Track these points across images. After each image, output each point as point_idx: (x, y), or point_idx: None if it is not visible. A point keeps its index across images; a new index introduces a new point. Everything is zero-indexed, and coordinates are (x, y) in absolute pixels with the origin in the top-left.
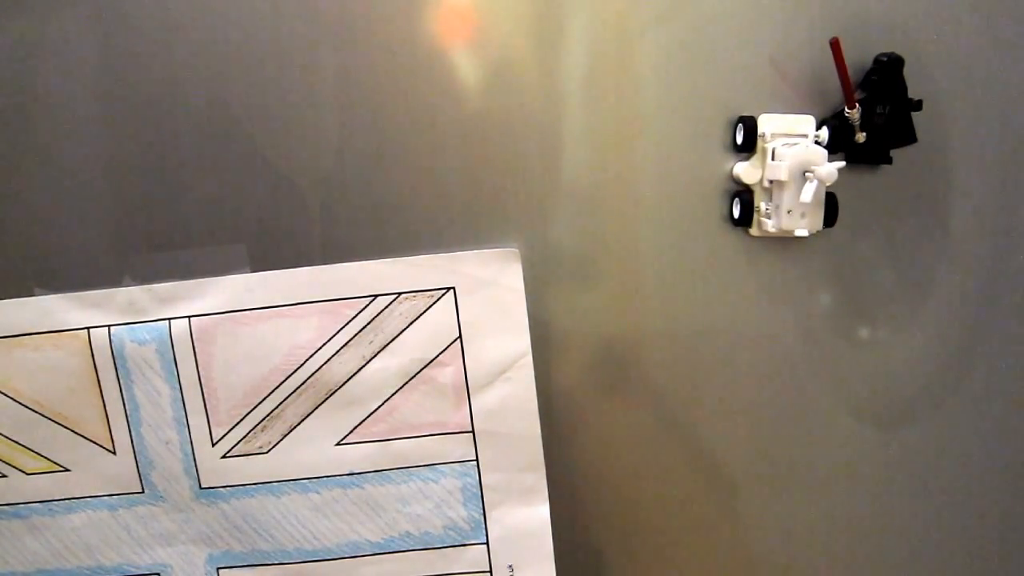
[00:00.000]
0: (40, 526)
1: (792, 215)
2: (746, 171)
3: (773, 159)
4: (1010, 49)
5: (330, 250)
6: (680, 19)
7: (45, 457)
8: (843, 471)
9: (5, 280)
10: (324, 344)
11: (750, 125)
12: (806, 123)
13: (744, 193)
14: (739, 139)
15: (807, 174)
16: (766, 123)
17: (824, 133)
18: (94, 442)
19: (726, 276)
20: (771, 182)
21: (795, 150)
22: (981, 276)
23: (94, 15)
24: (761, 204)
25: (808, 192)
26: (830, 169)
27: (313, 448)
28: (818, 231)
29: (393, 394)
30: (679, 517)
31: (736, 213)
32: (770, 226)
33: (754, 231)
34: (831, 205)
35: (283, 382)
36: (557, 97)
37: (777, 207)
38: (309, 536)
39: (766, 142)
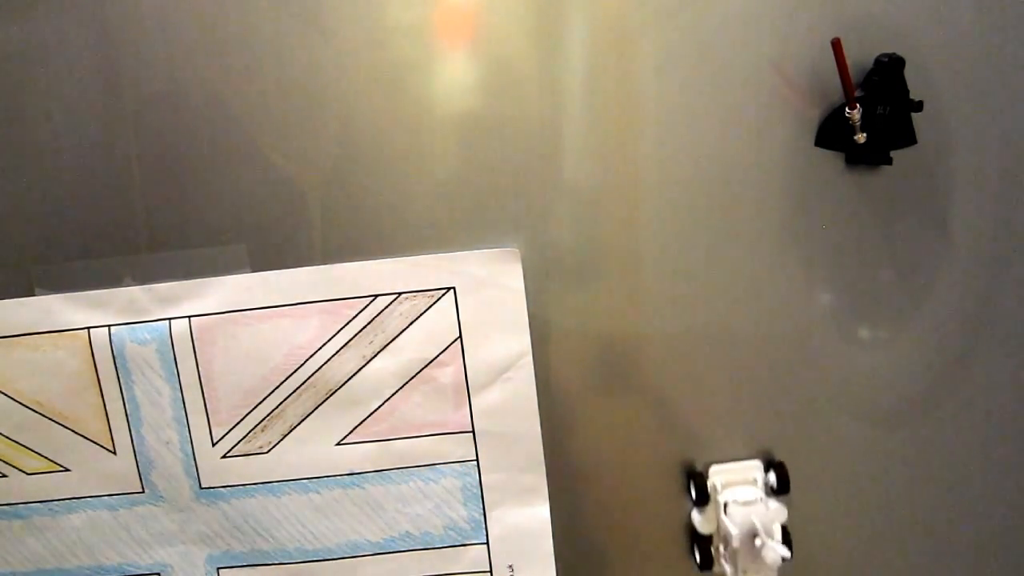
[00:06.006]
0: (40, 526)
1: (748, 574)
2: (702, 522)
3: (726, 514)
4: (1010, 50)
5: (330, 250)
6: (680, 19)
7: (45, 457)
8: (843, 471)
9: (5, 280)
10: (324, 344)
11: (700, 482)
12: (753, 468)
13: (703, 541)
14: (693, 494)
15: (756, 541)
16: (716, 475)
17: (772, 477)
18: (94, 442)
19: (726, 275)
20: (726, 535)
21: (745, 511)
22: (981, 276)
23: (94, 16)
24: (720, 547)
25: (754, 538)
26: (774, 557)
27: (313, 448)
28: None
29: (393, 394)
30: (679, 517)
31: (698, 558)
32: (728, 573)
33: (716, 569)
34: (787, 539)
35: (283, 382)
36: (557, 97)
37: (733, 559)
38: (309, 536)
39: (718, 494)
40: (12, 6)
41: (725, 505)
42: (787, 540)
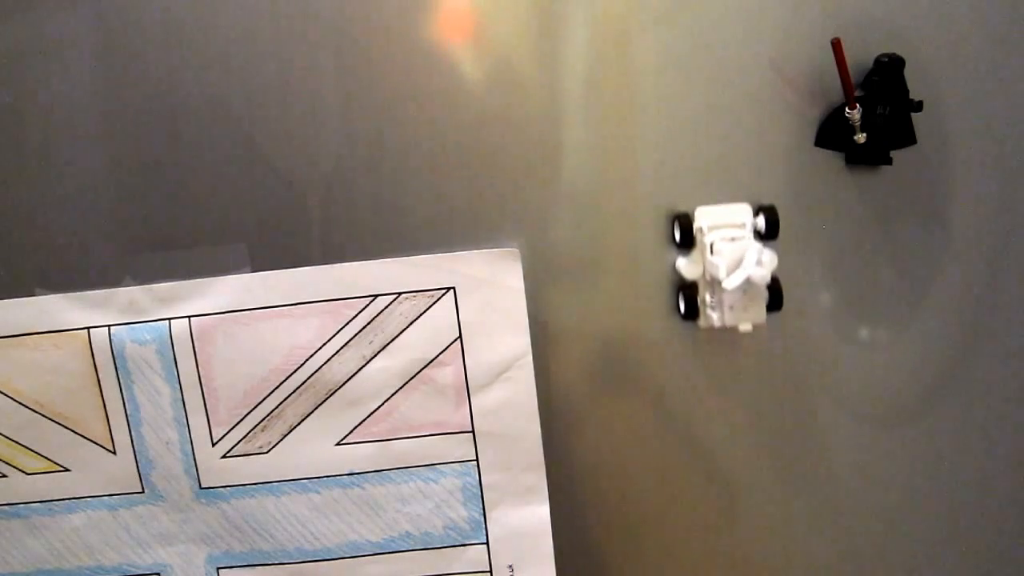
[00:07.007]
0: (40, 526)
1: (735, 310)
2: (687, 267)
3: (712, 254)
4: (1010, 50)
5: (330, 250)
6: (680, 19)
7: (45, 457)
8: (843, 471)
9: (5, 280)
10: (324, 344)
11: (686, 223)
12: (742, 212)
13: (688, 288)
14: (677, 237)
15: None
16: (702, 217)
17: (761, 221)
18: (94, 442)
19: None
20: (712, 277)
21: (732, 247)
22: (981, 276)
23: (94, 15)
24: (706, 295)
25: (734, 279)
26: (763, 272)
27: (313, 448)
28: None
29: (393, 394)
30: (679, 517)
31: (682, 308)
32: (715, 320)
33: (702, 323)
34: (775, 292)
35: (283, 382)
36: (557, 97)
37: (720, 302)
38: (309, 536)
39: (704, 236)
40: (12, 6)
41: (711, 245)
42: (777, 291)
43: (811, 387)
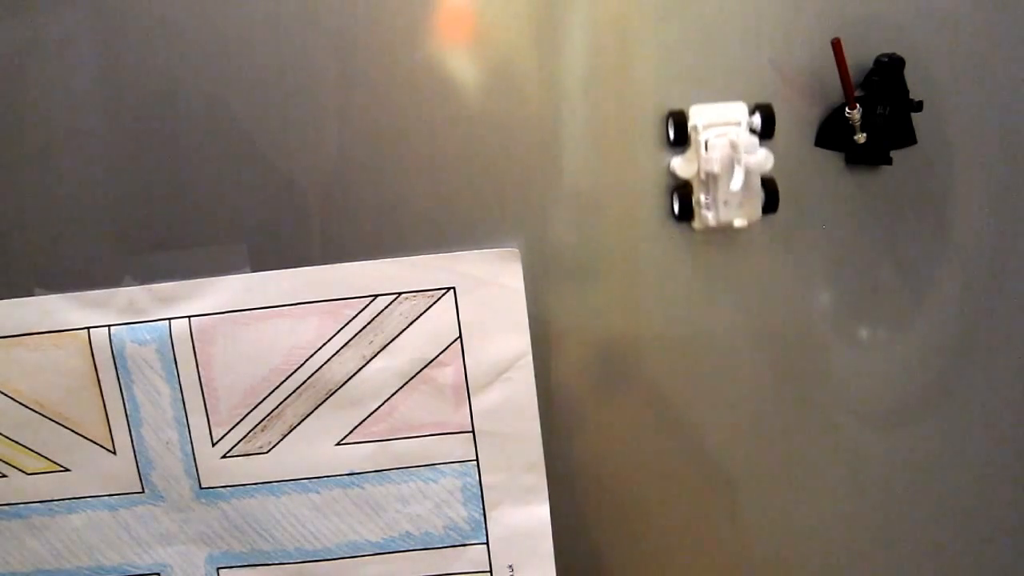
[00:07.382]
0: (40, 526)
1: (729, 206)
2: (681, 165)
3: (706, 151)
4: (1010, 51)
5: (330, 250)
6: (680, 19)
7: (45, 457)
8: (843, 471)
9: (5, 280)
10: (324, 344)
11: (680, 120)
12: (737, 110)
13: (682, 188)
14: (671, 134)
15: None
16: (697, 115)
17: (757, 120)
18: (94, 442)
19: (726, 276)
20: (707, 174)
21: (725, 141)
22: (981, 276)
23: (94, 15)
24: (701, 196)
25: (737, 180)
26: (759, 158)
27: (313, 448)
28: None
29: (393, 394)
30: (679, 517)
31: (676, 209)
32: (710, 219)
33: (696, 225)
34: (771, 192)
35: (283, 382)
36: (557, 97)
37: (714, 199)
38: (309, 536)
39: (698, 134)
40: (12, 5)
41: (706, 143)
42: (773, 191)
43: (811, 386)
